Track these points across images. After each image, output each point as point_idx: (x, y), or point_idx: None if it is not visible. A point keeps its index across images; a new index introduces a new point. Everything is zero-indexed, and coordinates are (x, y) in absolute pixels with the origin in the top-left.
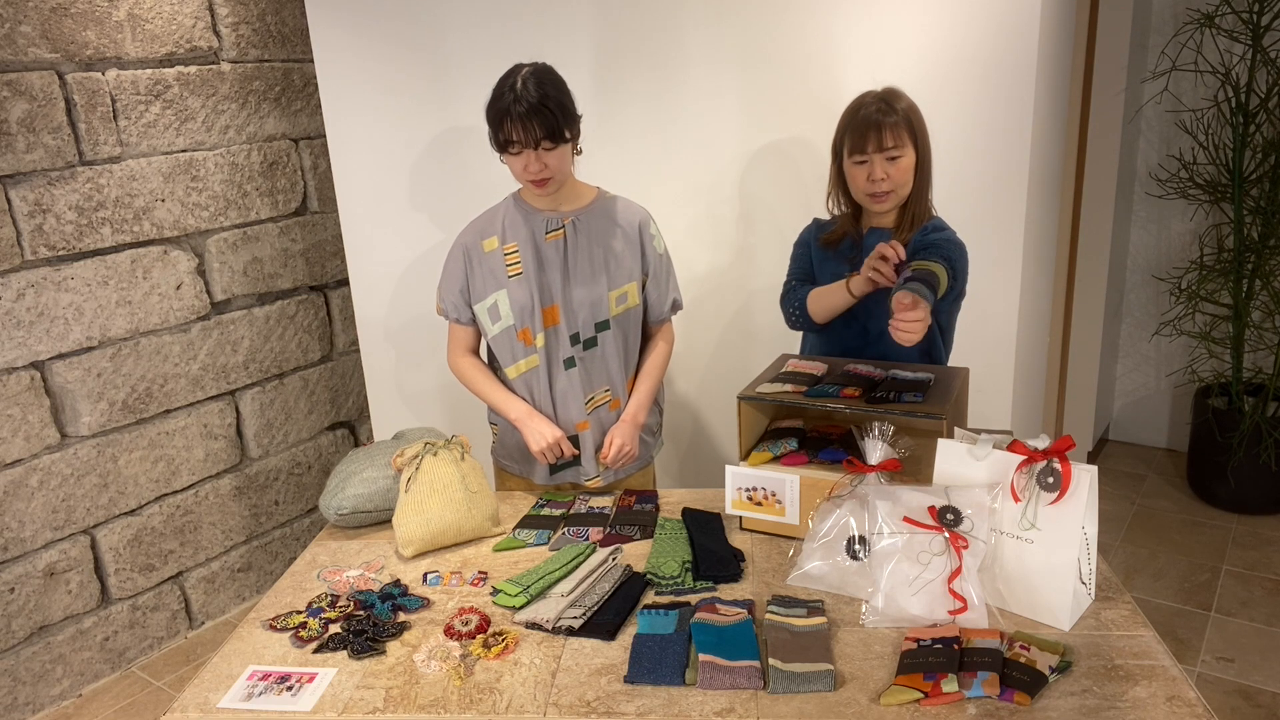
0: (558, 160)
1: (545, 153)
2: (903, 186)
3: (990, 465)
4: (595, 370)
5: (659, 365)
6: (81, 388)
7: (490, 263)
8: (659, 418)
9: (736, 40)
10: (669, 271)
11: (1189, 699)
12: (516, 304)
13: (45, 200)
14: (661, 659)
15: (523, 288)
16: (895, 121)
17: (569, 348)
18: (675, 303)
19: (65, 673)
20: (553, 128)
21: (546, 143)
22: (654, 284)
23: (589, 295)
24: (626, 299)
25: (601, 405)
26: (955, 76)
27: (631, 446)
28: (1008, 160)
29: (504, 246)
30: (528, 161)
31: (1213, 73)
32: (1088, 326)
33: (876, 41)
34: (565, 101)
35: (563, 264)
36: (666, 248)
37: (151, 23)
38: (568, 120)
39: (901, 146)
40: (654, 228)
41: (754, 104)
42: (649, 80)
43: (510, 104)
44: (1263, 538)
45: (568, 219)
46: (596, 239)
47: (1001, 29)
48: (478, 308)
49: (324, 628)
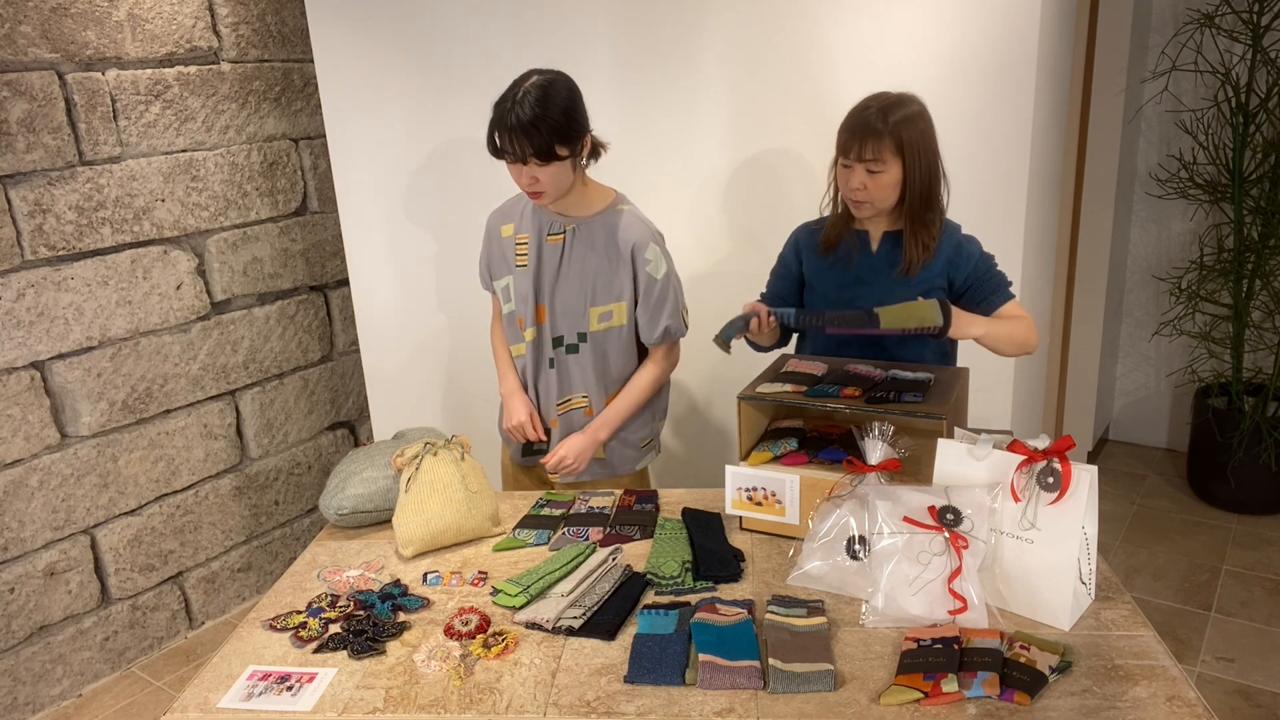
0: (550, 176)
1: (536, 168)
2: (880, 200)
3: (990, 465)
4: (572, 376)
5: (641, 386)
6: (81, 388)
7: (504, 248)
8: (650, 429)
9: (734, 42)
10: (665, 297)
11: (1189, 699)
12: (519, 293)
13: (45, 200)
14: (661, 659)
15: (525, 279)
16: (880, 134)
17: (551, 349)
18: (668, 330)
19: (65, 673)
20: (542, 147)
21: (536, 160)
22: (644, 307)
23: (572, 305)
24: (610, 318)
25: (576, 410)
26: (955, 76)
27: (574, 460)
28: (1008, 160)
29: (517, 236)
30: (520, 173)
31: (1213, 73)
32: (1088, 326)
33: (876, 42)
34: (564, 120)
35: (556, 269)
36: (670, 272)
37: (151, 23)
38: (563, 139)
39: (882, 161)
40: (652, 251)
41: (754, 105)
42: (649, 80)
43: (505, 114)
44: (1263, 538)
45: (570, 225)
46: (590, 252)
47: (1001, 29)
48: (496, 285)
49: (324, 628)
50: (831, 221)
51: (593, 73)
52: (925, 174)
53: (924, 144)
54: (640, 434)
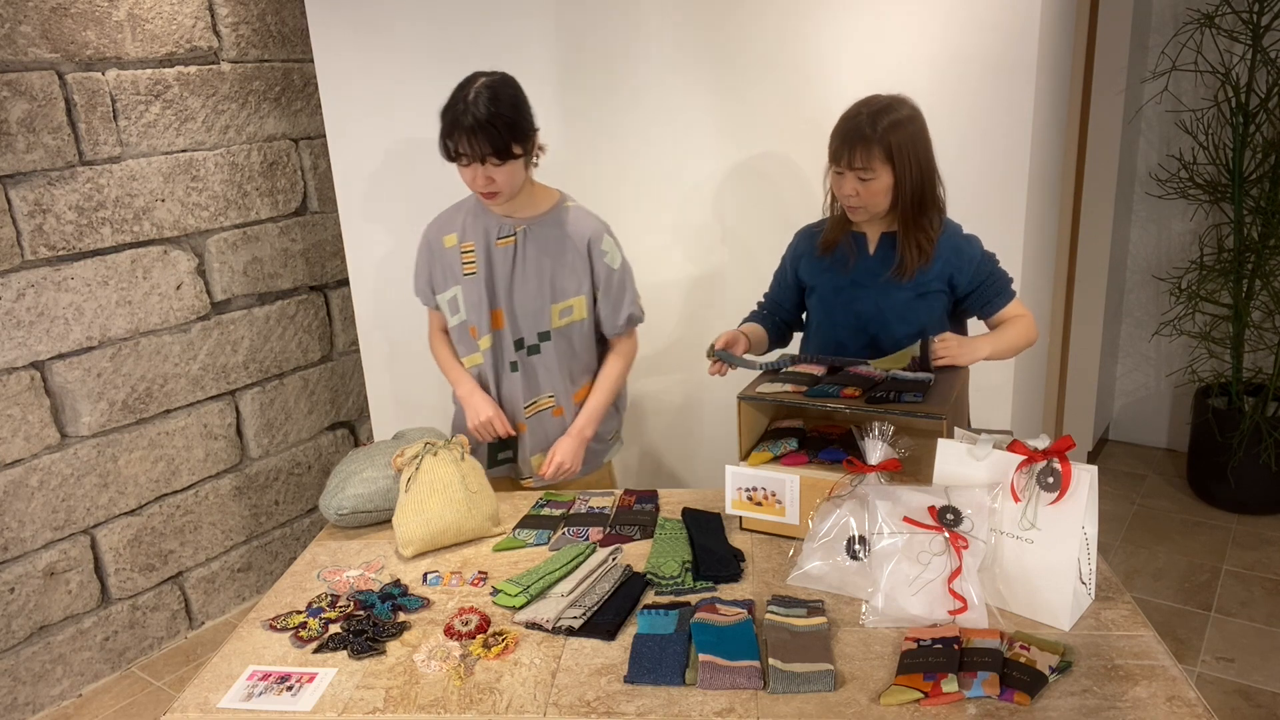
0: (506, 175)
1: (493, 168)
2: (874, 206)
3: (990, 465)
4: (538, 376)
5: (612, 379)
6: (81, 388)
7: (448, 259)
8: (617, 422)
9: (733, 43)
10: (623, 286)
11: (1189, 699)
12: (469, 302)
13: (45, 200)
14: (661, 659)
15: (475, 287)
16: (869, 141)
17: (513, 352)
18: (631, 317)
19: (65, 673)
20: (499, 145)
21: (493, 159)
22: (604, 299)
23: (531, 305)
24: (571, 312)
25: (544, 410)
26: (955, 77)
27: (572, 463)
28: (1008, 160)
29: (462, 244)
30: (475, 175)
31: (1213, 73)
32: (1088, 326)
33: (876, 42)
34: (517, 118)
35: (510, 271)
36: (624, 261)
37: (151, 23)
38: (517, 137)
39: (872, 169)
40: (607, 242)
41: (751, 108)
42: (645, 83)
43: (459, 116)
44: (1263, 538)
45: (520, 226)
46: (545, 250)
47: (1001, 29)
48: (440, 298)
49: (324, 628)
50: (830, 224)
51: (590, 74)
52: (917, 178)
53: (915, 148)
54: (608, 427)
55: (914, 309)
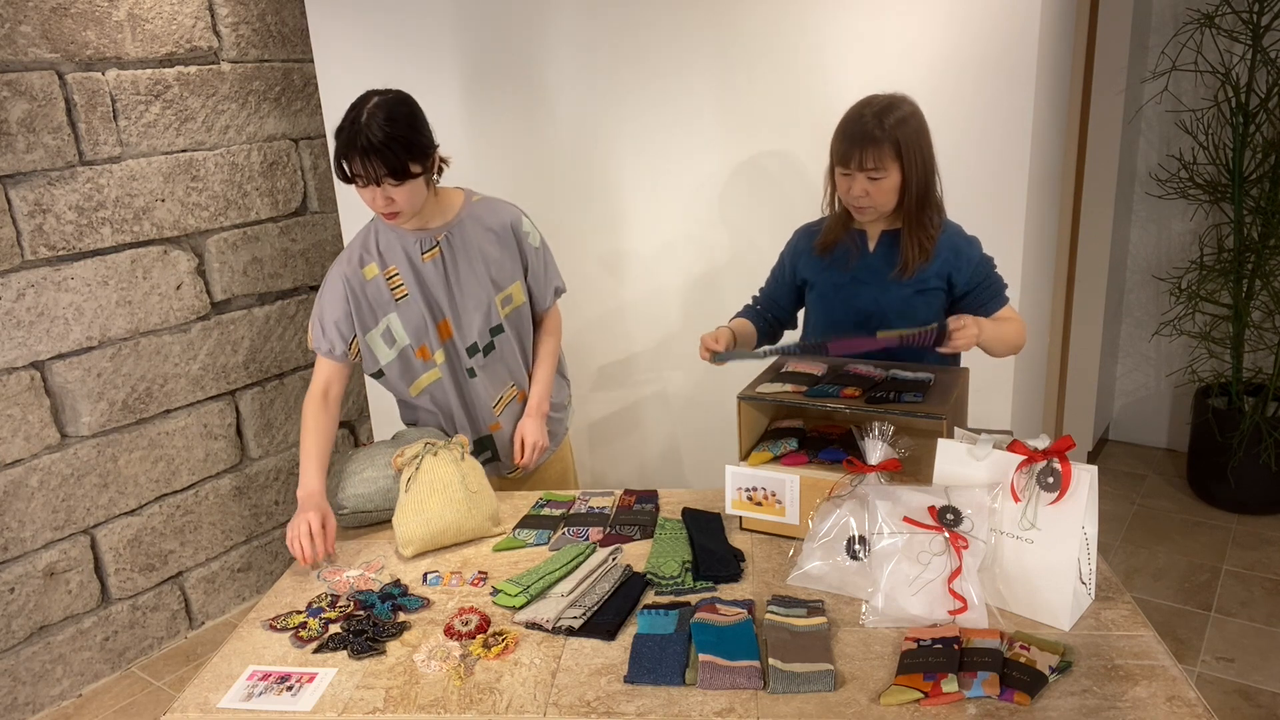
0: (406, 195)
1: (391, 188)
2: (884, 205)
3: (990, 465)
4: (497, 373)
5: (551, 352)
6: (81, 388)
7: (373, 290)
8: (567, 388)
9: (733, 43)
10: (547, 262)
11: (1189, 699)
12: (410, 325)
13: (45, 200)
14: (661, 659)
15: (412, 308)
16: (880, 141)
17: (468, 359)
18: (557, 289)
19: (65, 673)
20: (395, 166)
21: (390, 180)
22: (534, 278)
23: (478, 306)
24: (512, 299)
25: (510, 402)
26: (955, 76)
27: (541, 439)
28: (1008, 160)
29: (384, 271)
30: (374, 196)
31: (1213, 73)
32: (1088, 326)
33: (876, 42)
34: (414, 136)
35: (445, 281)
36: (542, 238)
37: (151, 23)
38: (415, 156)
39: (883, 168)
40: (526, 224)
41: (751, 107)
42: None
43: (353, 137)
44: (1263, 538)
45: (440, 235)
46: (473, 249)
47: (1001, 29)
48: (369, 336)
49: (324, 628)
50: (830, 223)
51: (589, 75)
52: (922, 174)
53: (919, 144)
54: (561, 396)
55: (913, 305)
